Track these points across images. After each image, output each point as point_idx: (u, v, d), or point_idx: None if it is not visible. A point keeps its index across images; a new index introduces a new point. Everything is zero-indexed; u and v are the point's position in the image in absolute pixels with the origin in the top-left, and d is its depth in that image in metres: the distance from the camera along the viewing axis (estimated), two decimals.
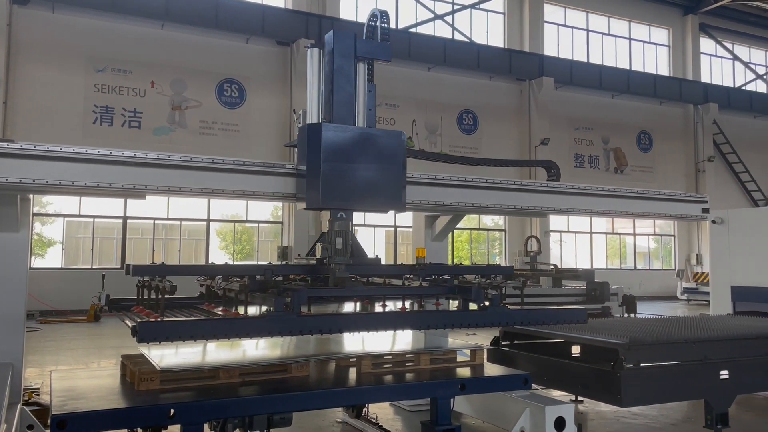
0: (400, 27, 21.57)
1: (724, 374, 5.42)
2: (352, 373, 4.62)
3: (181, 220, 18.84)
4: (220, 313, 4.49)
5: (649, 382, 5.20)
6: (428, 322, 4.67)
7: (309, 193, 5.08)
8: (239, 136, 18.89)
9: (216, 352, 5.09)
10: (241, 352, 4.98)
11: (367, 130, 5.36)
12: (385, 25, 5.57)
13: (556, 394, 6.24)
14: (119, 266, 17.85)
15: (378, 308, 4.89)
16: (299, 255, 5.83)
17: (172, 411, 3.57)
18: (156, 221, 18.56)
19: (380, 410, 6.04)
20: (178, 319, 4.21)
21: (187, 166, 5.07)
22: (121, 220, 18.04)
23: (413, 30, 21.60)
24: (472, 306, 4.80)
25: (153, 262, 5.25)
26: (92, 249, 17.89)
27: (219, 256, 19.68)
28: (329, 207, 5.06)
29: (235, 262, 19.47)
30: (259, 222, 20.15)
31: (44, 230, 18.00)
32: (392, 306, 4.95)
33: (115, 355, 9.86)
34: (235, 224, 20.07)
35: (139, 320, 3.92)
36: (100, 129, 17.39)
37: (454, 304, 5.10)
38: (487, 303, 4.72)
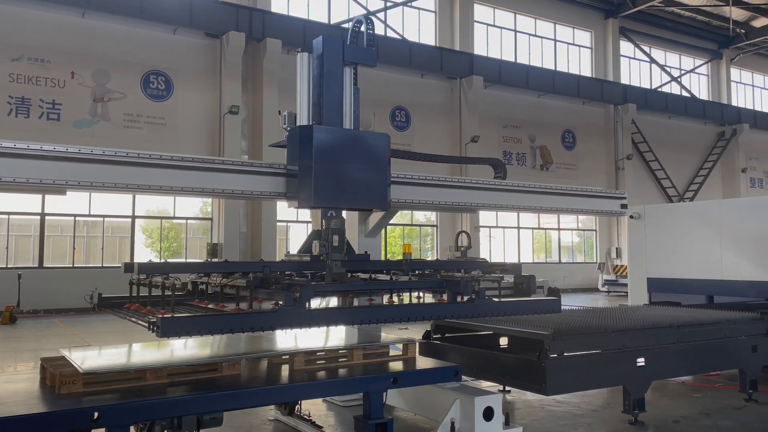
0: (332, 23, 21.49)
1: (640, 361, 5.73)
2: (285, 370, 4.60)
3: (103, 216, 18.10)
4: (216, 308, 4.64)
5: (572, 370, 5.44)
6: (429, 313, 5.10)
7: (301, 192, 5.33)
8: (166, 130, 18.32)
9: (142, 353, 4.96)
10: (170, 352, 4.87)
11: (356, 132, 5.65)
12: (371, 32, 5.88)
13: (485, 384, 6.42)
14: (37, 265, 16.99)
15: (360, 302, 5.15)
16: (288, 252, 6.01)
17: (96, 414, 3.46)
18: (77, 218, 17.75)
19: (313, 407, 6.03)
20: (198, 315, 4.32)
21: (111, 161, 4.93)
22: (38, 217, 17.15)
23: (346, 26, 21.56)
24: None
25: (150, 261, 5.34)
26: (7, 247, 16.92)
27: (145, 253, 19.04)
28: (321, 206, 5.31)
29: (166, 259, 18.92)
30: (187, 218, 19.62)
31: None
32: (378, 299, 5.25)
33: (33, 358, 9.39)
34: (162, 221, 19.47)
35: (160, 316, 4.00)
36: (16, 121, 16.45)
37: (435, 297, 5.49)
38: (474, 295, 5.13)
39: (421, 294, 5.58)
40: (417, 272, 5.74)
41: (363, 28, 6.03)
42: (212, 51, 19.18)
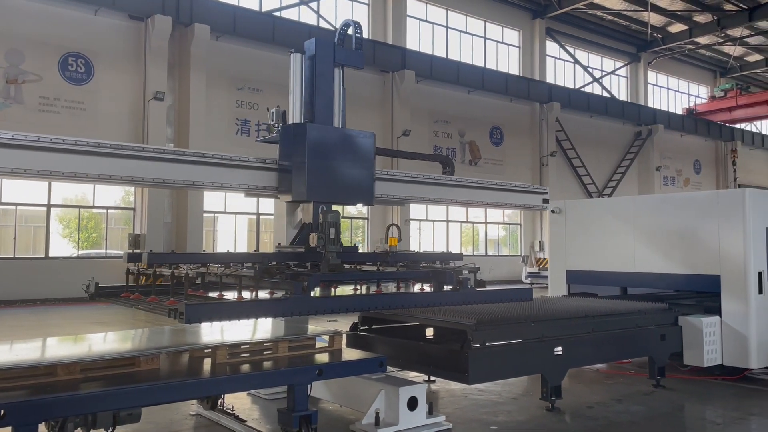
0: (264, 10, 21.09)
1: (558, 350, 5.96)
2: (207, 363, 4.50)
3: (16, 204, 17.10)
4: (216, 298, 5.02)
5: (494, 360, 5.59)
6: (426, 301, 5.55)
7: (295, 187, 5.72)
8: (86, 115, 17.49)
9: (55, 348, 4.74)
10: (84, 347, 4.69)
11: (345, 131, 6.07)
12: (359, 35, 6.31)
13: (412, 375, 6.52)
14: None
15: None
16: (279, 244, 6.42)
17: (2, 411, 3.28)
18: None
19: (237, 400, 5.95)
20: (219, 302, 4.72)
21: (24, 146, 4.70)
22: None
23: (277, 14, 21.22)
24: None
25: (151, 251, 5.59)
26: None
27: (62, 245, 18.16)
28: (314, 200, 5.73)
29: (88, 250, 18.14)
30: (107, 208, 18.82)
31: None
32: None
33: None
34: (80, 210, 18.59)
35: (185, 303, 4.28)
36: None
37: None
38: (458, 285, 5.64)
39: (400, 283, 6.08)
40: (401, 264, 6.23)
41: (351, 31, 6.39)
42: (136, 34, 18.43)
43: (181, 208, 18.52)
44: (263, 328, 5.57)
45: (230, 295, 5.05)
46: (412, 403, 5.08)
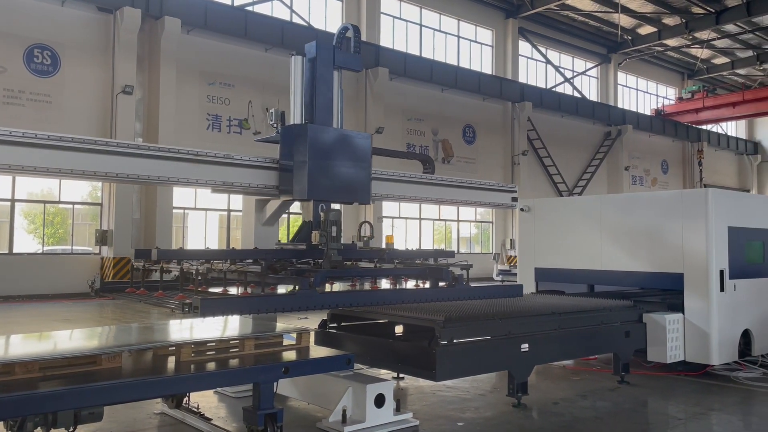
0: (236, 4, 20.86)
1: (524, 347, 6.02)
2: (171, 362, 4.44)
3: None
4: (215, 292, 5.25)
5: (461, 356, 5.63)
6: (423, 297, 5.79)
7: (296, 186, 5.92)
8: (52, 108, 17.10)
9: (13, 346, 4.63)
10: (44, 345, 4.58)
11: (344, 132, 6.27)
12: (357, 38, 6.54)
13: (383, 372, 6.52)
14: None
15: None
16: (279, 241, 6.60)
17: None
18: None
19: (203, 398, 5.88)
20: (231, 296, 4.93)
21: None
22: None
23: (250, 8, 21.01)
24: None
25: (157, 248, 5.81)
26: None
27: (27, 240, 17.74)
28: (314, 198, 5.93)
29: (44, 247, 17.77)
30: (74, 203, 18.43)
31: None
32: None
33: None
34: (46, 205, 18.19)
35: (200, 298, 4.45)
36: None
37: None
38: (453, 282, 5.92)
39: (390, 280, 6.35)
40: (397, 261, 6.44)
41: (350, 34, 6.59)
42: (105, 26, 18.07)
43: (149, 204, 18.24)
44: (231, 326, 5.51)
45: (232, 291, 5.23)
46: (380, 401, 5.08)
